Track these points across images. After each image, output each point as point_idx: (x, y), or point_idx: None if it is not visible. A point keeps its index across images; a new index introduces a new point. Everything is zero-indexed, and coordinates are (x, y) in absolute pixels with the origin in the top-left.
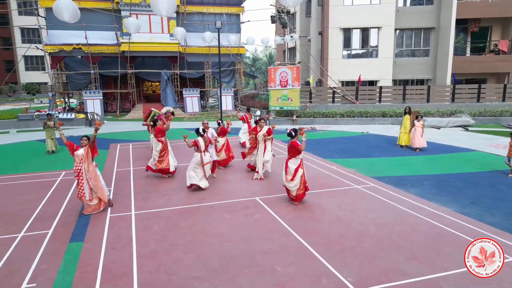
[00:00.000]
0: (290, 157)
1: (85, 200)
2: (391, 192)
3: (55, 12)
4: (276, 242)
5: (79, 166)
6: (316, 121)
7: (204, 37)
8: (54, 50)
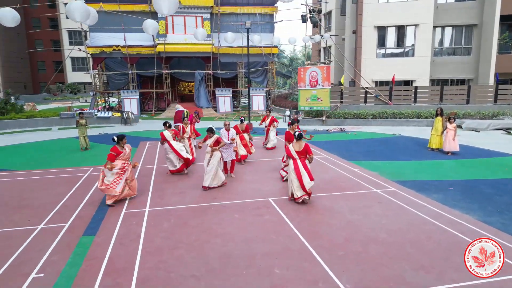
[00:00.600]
0: (304, 159)
1: (113, 191)
2: (411, 197)
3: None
4: (279, 244)
5: (126, 164)
6: (347, 122)
7: (226, 38)
8: (95, 52)
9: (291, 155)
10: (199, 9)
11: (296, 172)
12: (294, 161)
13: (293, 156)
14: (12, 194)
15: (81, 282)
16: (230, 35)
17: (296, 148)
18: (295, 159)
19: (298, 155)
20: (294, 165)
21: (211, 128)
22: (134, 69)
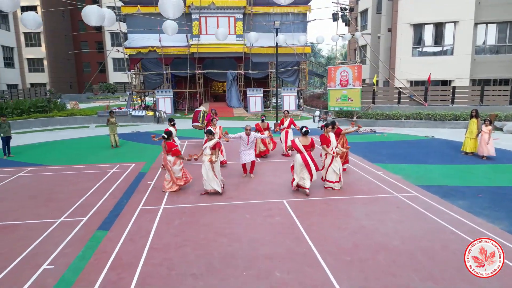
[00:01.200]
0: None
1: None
2: (433, 203)
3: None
4: (285, 246)
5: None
6: (378, 123)
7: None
8: (132, 53)
9: (298, 149)
10: (232, 9)
11: (306, 165)
12: (302, 155)
13: (300, 150)
14: (42, 188)
15: (86, 276)
16: (253, 35)
17: (303, 143)
18: (302, 153)
19: (305, 148)
20: (303, 159)
21: (210, 130)
22: (169, 69)
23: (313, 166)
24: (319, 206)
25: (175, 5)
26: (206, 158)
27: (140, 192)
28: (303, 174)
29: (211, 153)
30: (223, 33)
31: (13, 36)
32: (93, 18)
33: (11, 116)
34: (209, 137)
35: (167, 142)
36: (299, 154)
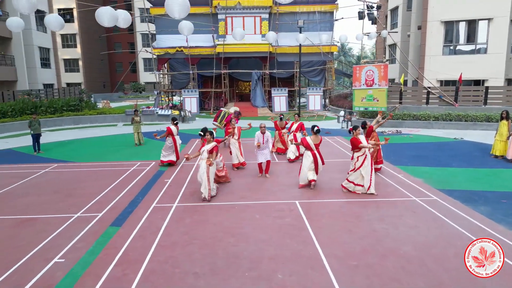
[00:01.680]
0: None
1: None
2: (453, 208)
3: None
4: (291, 248)
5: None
6: (405, 124)
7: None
8: (160, 53)
9: (309, 147)
10: (258, 9)
11: (315, 162)
12: (313, 153)
13: (311, 148)
14: (64, 184)
15: (93, 270)
16: (272, 35)
17: (314, 141)
18: (313, 150)
19: (315, 147)
20: (313, 156)
21: (208, 129)
22: (195, 69)
23: (320, 163)
24: (332, 208)
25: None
26: (203, 162)
27: (156, 189)
28: (310, 170)
29: (208, 156)
30: (240, 33)
31: (49, 37)
32: (106, 19)
33: (45, 114)
34: (207, 138)
35: (204, 138)
36: (310, 152)
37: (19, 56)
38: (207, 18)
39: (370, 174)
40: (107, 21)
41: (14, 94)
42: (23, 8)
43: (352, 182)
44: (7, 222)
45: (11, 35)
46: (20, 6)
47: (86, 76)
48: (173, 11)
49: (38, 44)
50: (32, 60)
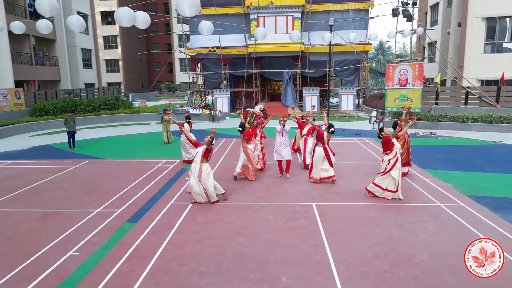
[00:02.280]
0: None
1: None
2: (480, 216)
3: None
4: (300, 251)
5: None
6: (440, 126)
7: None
8: (193, 53)
9: (322, 141)
10: (290, 8)
11: (327, 156)
12: (324, 147)
13: (323, 142)
14: (91, 179)
15: (103, 265)
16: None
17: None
18: (324, 145)
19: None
20: (324, 151)
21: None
22: (227, 69)
23: (332, 156)
24: (349, 211)
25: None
26: (196, 166)
27: (176, 187)
28: (324, 165)
29: (201, 160)
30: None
31: (91, 39)
32: (124, 20)
33: (84, 112)
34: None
35: (243, 133)
36: (321, 147)
37: (62, 57)
38: (239, 18)
39: (399, 178)
40: (125, 22)
41: (56, 93)
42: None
43: (379, 186)
44: (33, 215)
45: (55, 37)
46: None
47: (126, 76)
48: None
49: (80, 45)
50: (75, 60)
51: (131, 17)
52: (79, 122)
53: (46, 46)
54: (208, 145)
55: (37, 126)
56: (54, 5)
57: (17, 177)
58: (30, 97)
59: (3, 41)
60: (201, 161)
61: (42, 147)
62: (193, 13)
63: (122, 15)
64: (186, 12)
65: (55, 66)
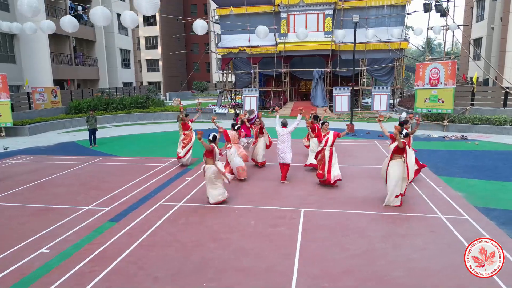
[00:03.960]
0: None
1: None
2: (481, 231)
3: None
4: (266, 261)
5: None
6: (475, 129)
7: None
8: (223, 53)
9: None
10: (321, 5)
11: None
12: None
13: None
14: (95, 176)
15: (66, 264)
16: (341, 32)
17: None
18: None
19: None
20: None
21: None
22: (257, 68)
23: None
24: (338, 219)
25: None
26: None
27: (172, 187)
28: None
29: (206, 161)
30: (303, 32)
31: (130, 40)
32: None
33: (115, 110)
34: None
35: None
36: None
37: (101, 57)
38: (269, 17)
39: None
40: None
41: (92, 92)
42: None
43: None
44: (29, 210)
45: (95, 38)
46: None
47: (165, 75)
48: (142, 8)
49: (119, 46)
50: (114, 60)
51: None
52: (110, 119)
53: (87, 47)
54: (207, 148)
55: (70, 123)
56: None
57: (30, 172)
58: (68, 95)
59: (43, 42)
60: (206, 162)
61: (67, 143)
62: (152, 11)
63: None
64: (143, 9)
65: (94, 66)
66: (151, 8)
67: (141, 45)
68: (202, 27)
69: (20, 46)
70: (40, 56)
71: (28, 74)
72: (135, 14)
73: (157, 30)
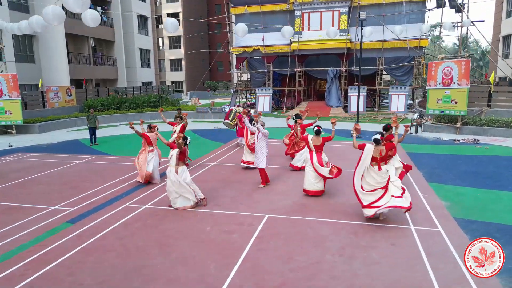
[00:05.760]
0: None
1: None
2: (449, 245)
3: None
4: (202, 271)
5: None
6: (490, 132)
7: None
8: (238, 52)
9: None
10: (337, 3)
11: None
12: (311, 153)
13: (310, 148)
14: (79, 175)
15: (2, 266)
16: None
17: (314, 143)
18: (311, 151)
19: (315, 148)
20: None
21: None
22: (271, 67)
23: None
24: (301, 228)
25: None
26: (172, 169)
27: (146, 189)
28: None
29: (176, 163)
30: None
31: (150, 40)
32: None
33: (128, 109)
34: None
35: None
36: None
37: (120, 57)
38: (283, 16)
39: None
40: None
41: (109, 91)
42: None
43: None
44: None
45: (114, 38)
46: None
47: (187, 75)
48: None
49: (139, 46)
50: (133, 60)
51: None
52: (122, 118)
53: (106, 47)
54: (181, 148)
55: (81, 121)
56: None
57: (21, 170)
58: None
59: (60, 43)
60: (177, 164)
61: (70, 141)
62: (83, 9)
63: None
64: (71, 6)
65: (113, 66)
66: (79, 6)
67: (165, 44)
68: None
69: (39, 46)
70: (57, 56)
71: (46, 73)
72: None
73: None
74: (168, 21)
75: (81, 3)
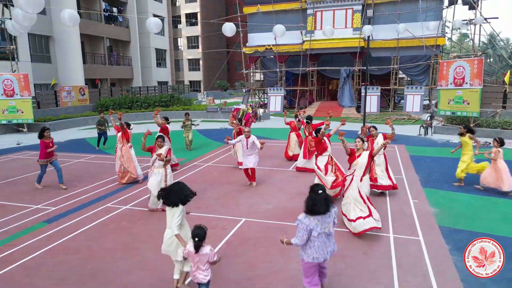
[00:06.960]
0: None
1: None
2: (425, 256)
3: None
4: (153, 277)
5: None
6: (504, 134)
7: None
8: (250, 51)
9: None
10: (350, 1)
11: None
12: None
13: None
14: (74, 174)
15: None
16: (368, 28)
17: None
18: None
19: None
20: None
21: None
22: (283, 67)
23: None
24: (273, 233)
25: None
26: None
27: (131, 190)
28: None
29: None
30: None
31: (166, 40)
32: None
33: (139, 108)
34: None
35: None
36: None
37: (135, 57)
38: (296, 14)
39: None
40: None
41: (122, 90)
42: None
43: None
44: None
45: (130, 38)
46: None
47: (205, 75)
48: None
49: (155, 46)
50: (148, 60)
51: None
52: (132, 117)
53: (122, 47)
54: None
55: (92, 120)
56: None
57: (19, 168)
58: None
59: (75, 43)
60: (164, 165)
61: (77, 140)
62: (36, 10)
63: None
64: (24, 7)
65: (128, 66)
66: (33, 6)
67: (183, 44)
68: (230, 29)
69: (55, 46)
70: (73, 56)
71: (61, 73)
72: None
73: (199, 30)
74: (151, 21)
75: (33, 4)
